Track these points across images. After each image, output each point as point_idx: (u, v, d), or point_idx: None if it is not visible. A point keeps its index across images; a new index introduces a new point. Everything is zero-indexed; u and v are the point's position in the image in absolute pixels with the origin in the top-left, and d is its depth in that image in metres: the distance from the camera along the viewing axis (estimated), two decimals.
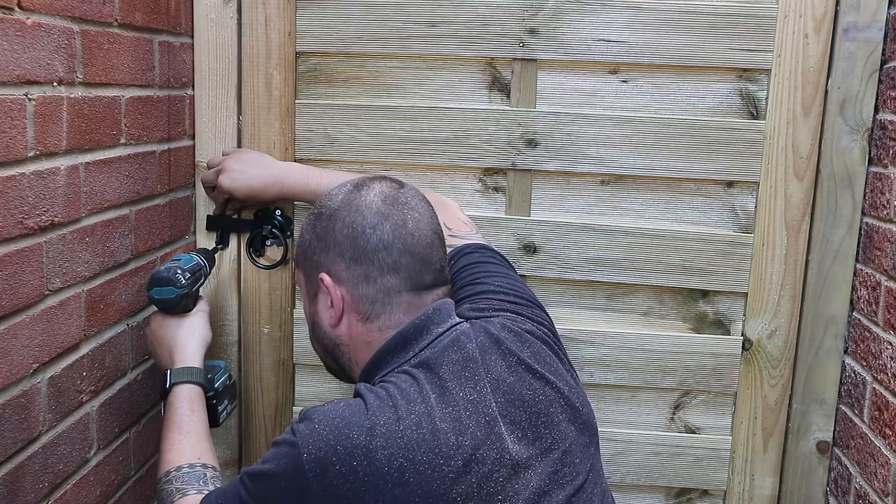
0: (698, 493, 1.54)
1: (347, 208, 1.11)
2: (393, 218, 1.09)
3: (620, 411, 1.53)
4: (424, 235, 1.11)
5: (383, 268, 1.08)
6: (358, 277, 1.09)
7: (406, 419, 0.98)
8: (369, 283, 1.09)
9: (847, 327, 1.45)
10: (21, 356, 1.01)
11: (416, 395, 1.01)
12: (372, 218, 1.09)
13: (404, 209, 1.11)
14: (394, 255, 1.08)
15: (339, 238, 1.10)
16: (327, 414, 1.00)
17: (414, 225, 1.10)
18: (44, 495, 1.07)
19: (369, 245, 1.08)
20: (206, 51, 1.48)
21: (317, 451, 0.97)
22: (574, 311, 1.52)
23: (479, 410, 1.01)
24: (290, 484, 0.98)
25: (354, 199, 1.11)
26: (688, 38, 1.42)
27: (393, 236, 1.08)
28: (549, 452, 1.05)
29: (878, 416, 1.31)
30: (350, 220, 1.10)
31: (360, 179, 1.15)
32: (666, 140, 1.45)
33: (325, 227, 1.12)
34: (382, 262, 1.08)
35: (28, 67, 0.99)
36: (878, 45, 1.38)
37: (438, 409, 0.99)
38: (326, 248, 1.11)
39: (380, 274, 1.09)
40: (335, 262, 1.10)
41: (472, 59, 1.47)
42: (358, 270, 1.09)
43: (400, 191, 1.13)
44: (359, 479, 0.95)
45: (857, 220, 1.42)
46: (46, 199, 1.04)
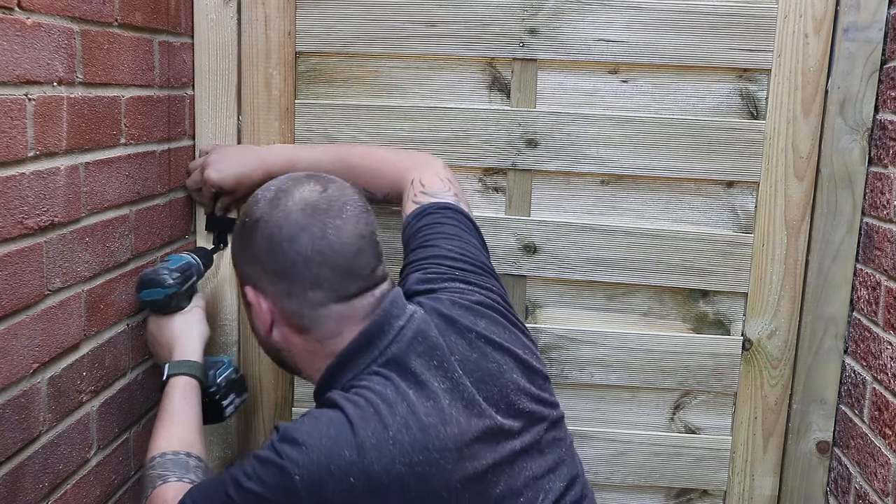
0: (698, 493, 1.54)
1: (267, 218, 1.06)
2: (311, 229, 1.04)
3: (620, 411, 1.53)
4: (347, 244, 1.05)
5: (304, 283, 1.04)
6: (281, 293, 1.06)
7: (393, 425, 0.97)
8: (292, 298, 1.06)
9: (847, 327, 1.45)
10: (21, 356, 1.00)
11: (395, 395, 1.00)
12: (289, 230, 1.04)
13: (325, 217, 1.05)
14: (313, 270, 1.04)
15: (258, 251, 1.06)
16: (311, 434, 0.98)
17: (335, 234, 1.05)
18: (44, 495, 1.07)
19: (286, 260, 1.04)
20: (206, 51, 1.48)
21: (309, 475, 0.96)
22: (574, 311, 1.52)
23: (456, 396, 1.03)
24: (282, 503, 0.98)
25: (274, 208, 1.06)
26: (688, 38, 1.42)
27: (312, 250, 1.03)
28: (529, 420, 1.09)
29: (878, 416, 1.31)
30: (268, 232, 1.05)
31: (284, 183, 1.09)
32: (666, 140, 1.45)
33: (247, 237, 1.08)
34: (302, 277, 1.04)
35: (28, 67, 0.99)
36: (878, 45, 1.38)
37: (420, 405, 0.99)
38: (251, 261, 1.08)
39: (302, 290, 1.05)
40: (259, 275, 1.07)
41: (472, 59, 1.47)
42: (280, 286, 1.06)
43: (323, 194, 1.07)
44: (358, 493, 0.95)
45: (857, 220, 1.42)
46: (46, 199, 1.04)
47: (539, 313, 1.52)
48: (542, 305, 1.52)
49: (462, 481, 0.98)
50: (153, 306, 1.30)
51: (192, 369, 1.25)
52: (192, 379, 1.25)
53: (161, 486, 1.11)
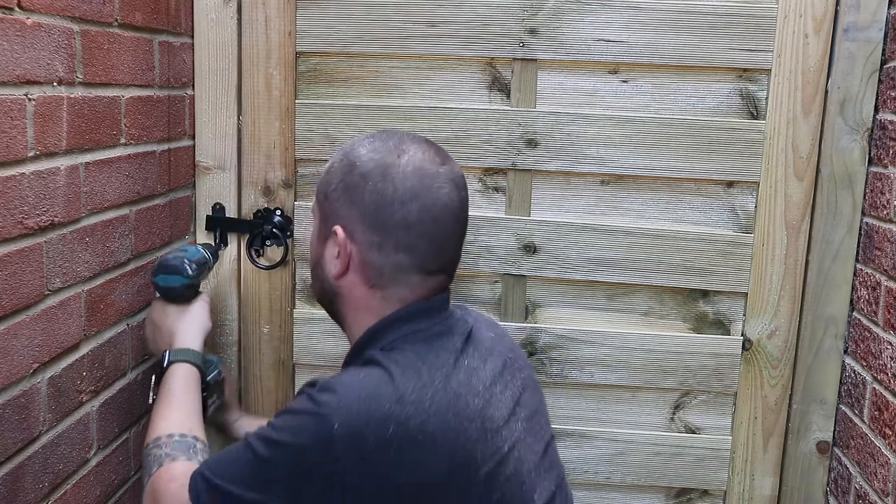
0: (698, 493, 1.54)
1: (383, 173, 1.07)
2: (423, 199, 1.06)
3: (621, 411, 1.53)
4: (448, 224, 1.09)
5: (399, 245, 1.06)
6: (371, 244, 1.07)
7: (431, 386, 0.99)
8: (381, 253, 1.07)
9: (847, 327, 1.45)
10: (21, 356, 1.01)
11: (435, 360, 1.03)
12: (403, 193, 1.06)
13: (438, 191, 1.07)
14: (412, 237, 1.06)
15: (366, 199, 1.07)
16: (352, 385, 0.99)
17: (440, 211, 1.07)
18: (44, 495, 1.07)
19: (392, 219, 1.06)
20: (206, 51, 1.48)
21: (349, 424, 0.95)
22: (574, 311, 1.52)
23: (478, 376, 1.06)
24: (315, 457, 0.96)
25: (392, 164, 1.07)
26: (688, 38, 1.42)
27: (417, 217, 1.06)
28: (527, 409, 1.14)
29: (878, 416, 1.31)
30: (381, 187, 1.06)
31: (401, 138, 1.11)
32: (666, 140, 1.45)
33: (356, 182, 1.08)
34: (400, 239, 1.06)
35: (28, 67, 0.99)
36: (878, 45, 1.38)
37: (454, 375, 1.02)
38: (351, 203, 1.08)
39: (393, 249, 1.07)
40: (354, 220, 1.08)
41: (472, 59, 1.47)
42: (373, 237, 1.07)
43: (441, 168, 1.09)
44: (394, 448, 0.95)
45: (857, 220, 1.42)
46: (46, 199, 1.04)
47: (539, 313, 1.52)
48: (542, 305, 1.52)
49: (482, 455, 1.00)
50: (167, 293, 1.30)
51: (194, 358, 1.26)
52: (193, 368, 1.25)
53: (169, 464, 1.09)
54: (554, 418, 1.54)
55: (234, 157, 1.51)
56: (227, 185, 1.52)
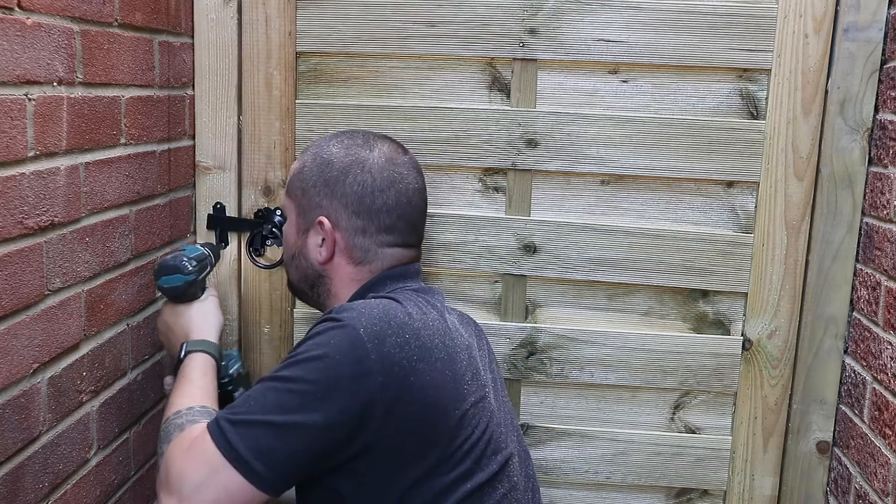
0: (698, 493, 1.54)
1: (360, 166, 1.22)
2: (397, 185, 1.23)
3: (621, 411, 1.53)
4: (418, 205, 1.26)
5: (381, 227, 1.22)
6: (356, 229, 1.21)
7: (429, 316, 1.13)
8: (366, 235, 1.22)
9: (847, 327, 1.45)
10: (21, 356, 1.01)
11: (425, 304, 1.17)
12: (381, 182, 1.22)
13: (407, 177, 1.25)
14: (392, 219, 1.22)
15: (347, 191, 1.21)
16: (366, 305, 1.10)
17: (412, 194, 1.25)
18: (44, 495, 1.07)
19: (374, 206, 1.21)
20: (207, 51, 1.48)
21: (371, 326, 1.05)
22: (574, 311, 1.52)
23: (459, 331, 1.20)
24: (346, 358, 1.03)
25: (366, 158, 1.23)
26: (688, 38, 1.42)
27: (395, 202, 1.22)
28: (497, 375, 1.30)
29: (878, 416, 1.31)
30: (361, 178, 1.21)
31: (366, 135, 1.27)
32: (666, 140, 1.45)
33: (335, 177, 1.22)
34: (382, 222, 1.22)
35: (28, 67, 0.99)
36: (878, 45, 1.38)
37: (445, 318, 1.17)
38: (332, 196, 1.22)
39: (377, 231, 1.22)
40: (338, 210, 1.21)
41: (472, 59, 1.47)
42: (357, 223, 1.21)
43: (404, 157, 1.27)
44: (411, 348, 1.06)
45: (857, 220, 1.42)
46: (46, 199, 1.04)
47: (539, 313, 1.52)
48: (542, 305, 1.52)
49: (470, 385, 1.13)
50: (171, 293, 1.30)
51: (210, 348, 1.26)
52: (209, 357, 1.25)
53: (190, 427, 1.08)
54: (554, 418, 1.54)
55: (234, 157, 1.51)
56: (227, 184, 1.52)
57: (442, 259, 1.51)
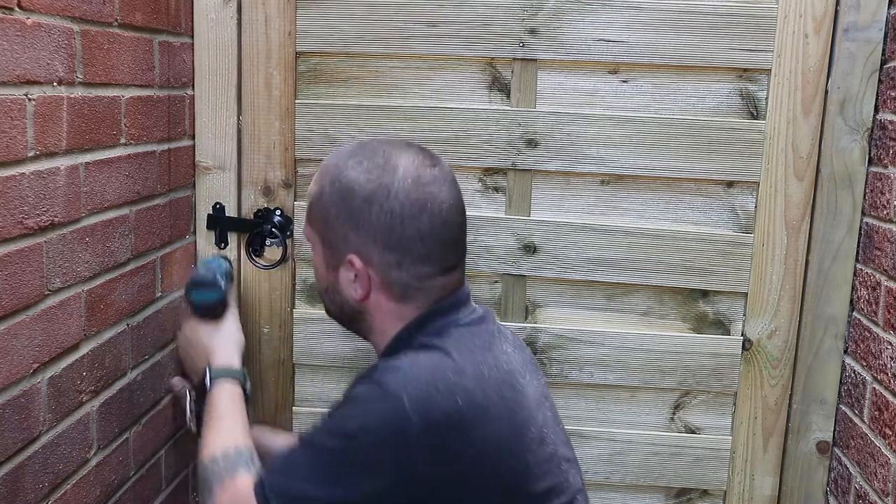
0: (698, 493, 1.55)
1: (385, 193, 1.07)
2: (429, 207, 1.08)
3: (620, 411, 1.53)
4: (455, 220, 1.12)
5: (417, 257, 1.08)
6: (390, 264, 1.09)
7: (484, 363, 1.04)
8: (402, 269, 1.09)
9: (847, 327, 1.45)
10: (21, 356, 1.01)
11: (480, 343, 1.08)
12: (411, 207, 1.07)
13: (440, 195, 1.09)
14: (428, 246, 1.09)
15: (374, 223, 1.08)
16: (413, 363, 1.02)
17: (447, 213, 1.10)
18: (44, 495, 1.07)
19: (405, 235, 1.07)
20: (206, 51, 1.48)
21: (418, 395, 0.97)
22: (574, 310, 1.52)
23: (513, 361, 1.10)
24: (390, 435, 0.97)
25: (391, 181, 1.08)
26: (688, 38, 1.42)
27: (430, 227, 1.08)
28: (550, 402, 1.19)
29: (878, 416, 1.31)
30: (388, 206, 1.07)
31: (387, 151, 1.11)
32: (666, 140, 1.45)
33: (360, 208, 1.08)
34: (417, 252, 1.08)
35: (28, 67, 0.99)
36: (878, 45, 1.38)
37: (499, 356, 1.08)
38: (358, 229, 1.09)
39: (412, 263, 1.09)
40: (367, 244, 1.09)
41: (473, 59, 1.47)
42: (390, 257, 1.08)
43: (434, 170, 1.11)
44: (464, 416, 0.97)
45: (857, 220, 1.42)
46: (46, 199, 1.04)
47: (539, 313, 1.52)
48: (542, 305, 1.52)
49: (532, 430, 1.05)
50: (202, 309, 1.30)
51: (236, 374, 1.25)
52: (236, 384, 1.24)
53: (230, 480, 1.08)
54: None
55: (234, 157, 1.51)
56: (227, 185, 1.52)
57: None
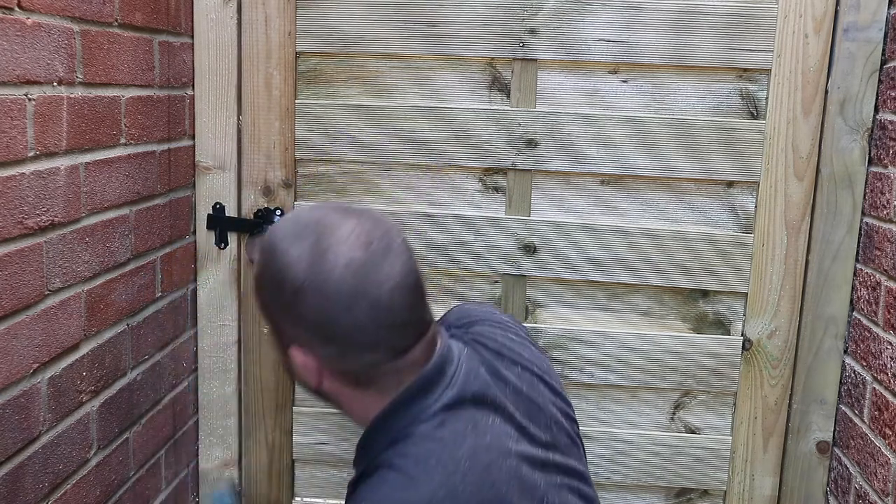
0: (698, 493, 1.55)
1: (314, 287, 0.94)
2: (368, 296, 0.94)
3: (620, 411, 1.53)
4: (403, 302, 0.97)
5: (360, 347, 0.97)
6: (332, 355, 0.98)
7: (458, 470, 0.92)
8: (347, 359, 0.98)
9: (847, 327, 1.45)
10: (21, 356, 1.01)
11: (453, 436, 0.95)
12: (345, 300, 0.94)
13: (379, 276, 0.95)
14: (370, 335, 0.96)
15: (307, 318, 0.96)
16: (370, 492, 0.93)
17: (390, 296, 0.95)
18: (44, 495, 1.07)
19: (341, 329, 0.95)
20: (206, 51, 1.48)
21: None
22: (574, 310, 1.52)
23: (512, 428, 1.00)
24: None
25: (320, 270, 0.94)
26: (688, 38, 1.42)
27: (369, 316, 0.94)
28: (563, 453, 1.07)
29: (878, 416, 1.31)
30: (318, 303, 0.94)
31: (321, 233, 0.97)
32: (666, 140, 1.45)
33: (290, 301, 0.97)
34: (358, 342, 0.96)
35: (28, 67, 0.99)
36: (878, 45, 1.38)
37: (479, 443, 0.96)
38: (294, 322, 0.98)
39: (357, 353, 0.97)
40: (306, 337, 0.98)
41: (473, 59, 1.47)
42: (331, 349, 0.97)
43: (370, 248, 0.95)
44: None
45: (857, 220, 1.42)
46: (46, 199, 1.04)
47: (539, 313, 1.52)
48: (542, 305, 1.52)
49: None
50: None
51: None
52: None
53: None
54: None
55: (234, 157, 1.51)
56: (227, 185, 1.52)
57: (442, 259, 1.51)
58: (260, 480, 1.61)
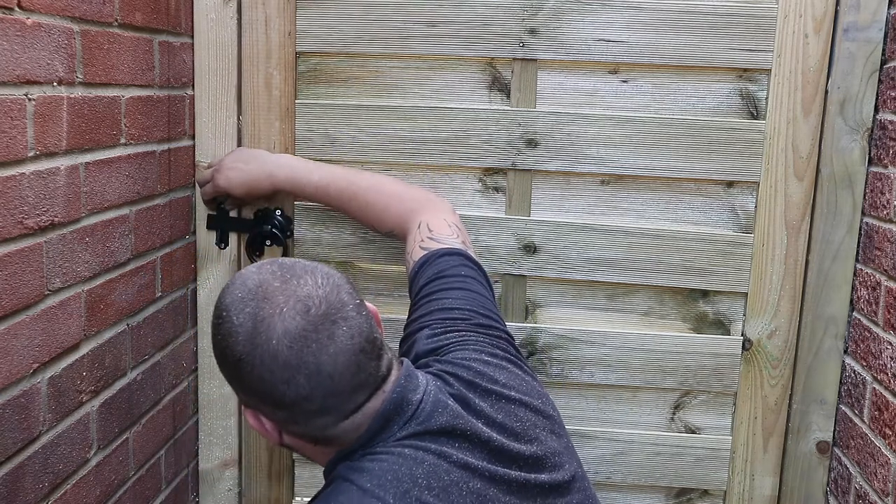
0: (698, 493, 1.55)
1: (252, 360, 0.93)
2: (307, 367, 0.92)
3: (621, 411, 1.53)
4: (347, 368, 0.94)
5: (309, 413, 0.95)
6: (285, 420, 0.98)
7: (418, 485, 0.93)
8: (299, 424, 0.97)
9: (847, 327, 1.45)
10: (21, 356, 1.01)
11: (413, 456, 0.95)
12: (282, 373, 0.92)
13: (317, 348, 0.92)
14: (316, 403, 0.94)
15: (252, 387, 0.95)
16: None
17: (332, 365, 0.93)
18: (44, 495, 1.07)
19: (286, 399, 0.94)
20: (206, 51, 1.48)
21: None
22: (574, 311, 1.52)
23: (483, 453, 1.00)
24: None
25: (257, 345, 0.92)
26: (688, 38, 1.42)
27: (310, 387, 0.93)
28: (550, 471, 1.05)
29: (878, 416, 1.31)
30: (258, 374, 0.93)
31: (261, 299, 0.94)
32: (666, 140, 1.45)
33: (233, 374, 0.96)
34: (305, 409, 0.95)
35: (28, 67, 0.99)
36: (878, 45, 1.38)
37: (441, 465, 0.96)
38: (242, 389, 0.98)
39: (307, 419, 0.96)
40: (257, 403, 0.98)
41: (473, 59, 1.47)
42: (281, 414, 0.97)
43: (308, 317, 0.92)
44: None
45: (857, 220, 1.42)
46: (46, 199, 1.04)
47: (539, 313, 1.52)
48: (542, 305, 1.52)
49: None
50: None
51: None
52: None
53: None
54: None
55: None
56: None
57: None
58: (260, 480, 1.61)
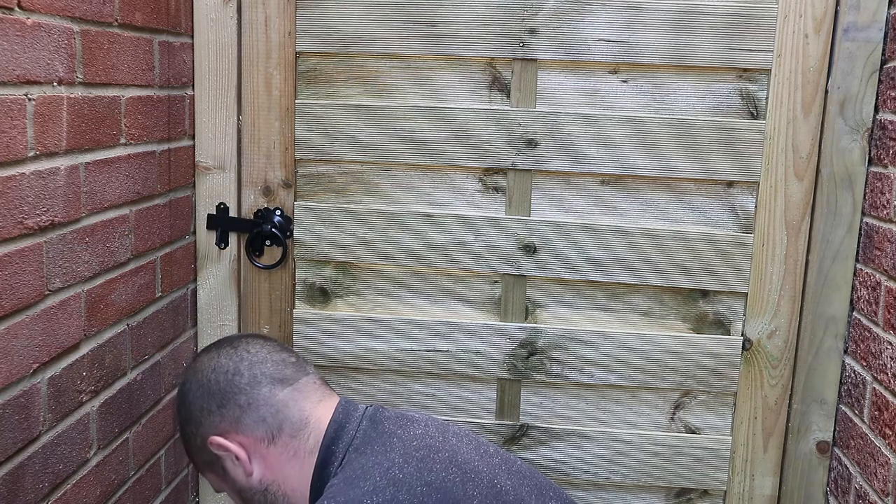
0: (698, 493, 1.55)
1: (190, 381, 1.17)
2: (223, 356, 1.16)
3: (620, 411, 1.53)
4: (265, 355, 1.17)
5: (245, 388, 1.13)
6: (235, 416, 1.13)
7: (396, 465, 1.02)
8: (248, 410, 1.12)
9: (847, 327, 1.45)
10: (21, 356, 1.01)
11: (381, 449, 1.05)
12: (215, 374, 1.15)
13: (239, 351, 1.17)
14: (245, 376, 1.13)
15: (198, 403, 1.15)
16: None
17: (254, 352, 1.17)
18: (44, 495, 1.07)
19: (220, 384, 1.14)
20: (206, 51, 1.48)
21: None
22: (574, 311, 1.52)
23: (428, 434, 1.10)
24: None
25: (191, 372, 1.18)
26: (688, 38, 1.42)
27: (235, 363, 1.15)
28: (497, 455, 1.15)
29: (878, 416, 1.31)
30: (196, 386, 1.16)
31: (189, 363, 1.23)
32: (666, 140, 1.45)
33: (184, 409, 1.17)
34: (240, 385, 1.13)
35: (28, 67, 0.99)
36: (878, 45, 1.38)
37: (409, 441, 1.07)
38: (199, 417, 1.15)
39: (249, 397, 1.12)
40: (210, 422, 1.14)
41: (473, 59, 1.47)
42: (231, 411, 1.13)
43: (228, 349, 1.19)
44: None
45: (857, 220, 1.42)
46: (46, 199, 1.04)
47: (539, 313, 1.52)
48: (542, 305, 1.52)
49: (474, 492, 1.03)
50: None
51: None
52: None
53: None
54: (553, 418, 1.54)
55: (234, 157, 1.51)
56: (227, 185, 1.52)
57: (441, 259, 1.51)
58: None
